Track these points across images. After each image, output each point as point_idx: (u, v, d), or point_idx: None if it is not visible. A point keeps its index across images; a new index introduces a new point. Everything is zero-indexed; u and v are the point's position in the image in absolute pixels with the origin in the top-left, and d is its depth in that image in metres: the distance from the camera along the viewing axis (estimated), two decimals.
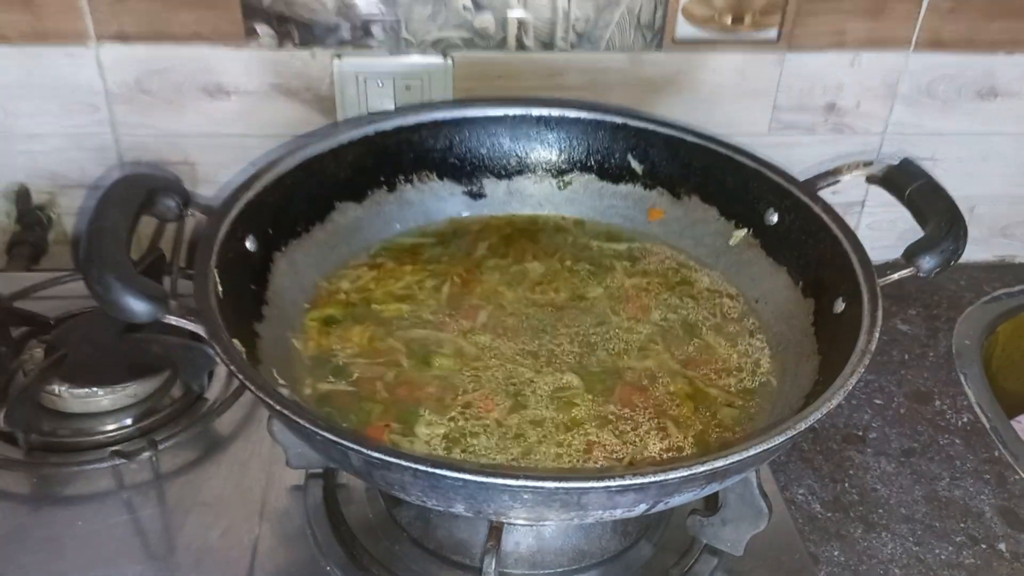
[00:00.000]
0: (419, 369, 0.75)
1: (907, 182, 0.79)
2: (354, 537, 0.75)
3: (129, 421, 0.85)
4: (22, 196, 1.02)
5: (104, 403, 0.85)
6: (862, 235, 0.80)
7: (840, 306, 0.73)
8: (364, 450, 0.56)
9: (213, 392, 0.89)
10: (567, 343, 0.79)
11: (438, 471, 0.55)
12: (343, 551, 0.74)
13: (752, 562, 0.75)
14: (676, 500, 0.61)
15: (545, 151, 0.93)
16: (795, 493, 0.84)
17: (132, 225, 0.67)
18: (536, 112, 0.92)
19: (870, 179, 0.82)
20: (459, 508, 0.59)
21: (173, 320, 0.63)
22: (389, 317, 0.80)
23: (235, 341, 0.64)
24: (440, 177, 0.92)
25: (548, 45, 0.97)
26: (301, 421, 0.58)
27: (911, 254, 0.73)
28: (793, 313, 0.80)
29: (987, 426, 0.93)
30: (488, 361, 0.76)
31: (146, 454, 0.80)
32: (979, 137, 1.09)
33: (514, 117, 0.92)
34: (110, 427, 0.84)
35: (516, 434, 0.70)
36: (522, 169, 0.94)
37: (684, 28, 0.97)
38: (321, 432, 0.57)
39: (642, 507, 0.59)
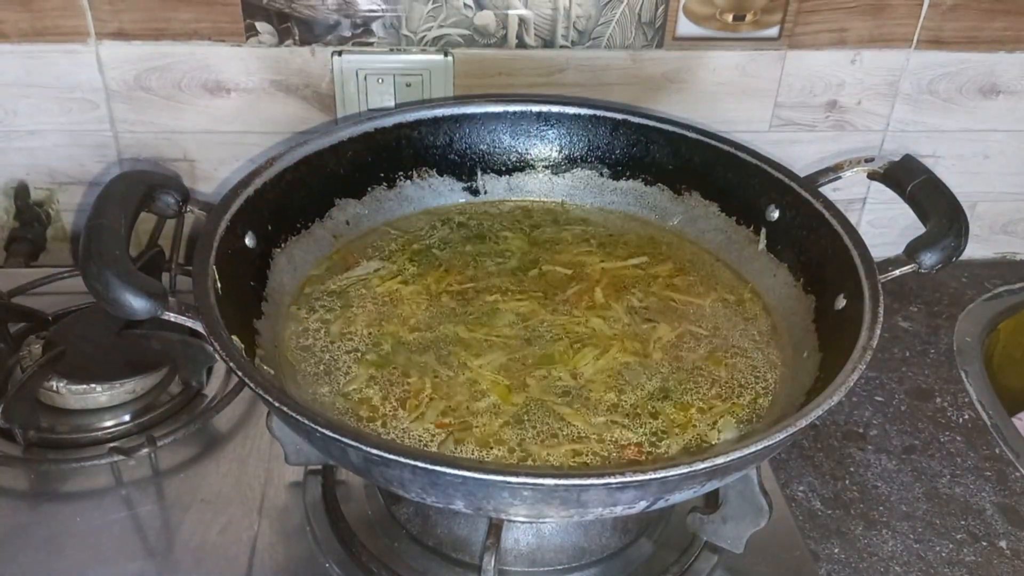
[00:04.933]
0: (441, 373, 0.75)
1: (908, 178, 0.79)
2: (353, 534, 0.75)
3: (128, 417, 0.85)
4: (21, 192, 1.02)
5: (102, 399, 0.85)
6: (863, 231, 0.80)
7: (841, 303, 0.73)
8: (363, 447, 0.56)
9: (212, 388, 0.89)
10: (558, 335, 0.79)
11: (437, 468, 0.55)
12: (342, 548, 0.74)
13: (752, 559, 0.74)
14: (676, 497, 0.61)
15: (545, 147, 0.93)
16: (795, 490, 0.84)
17: (131, 222, 0.67)
18: (536, 109, 0.92)
19: (871, 175, 0.82)
20: (458, 505, 0.58)
21: (172, 316, 0.63)
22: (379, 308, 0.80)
23: (234, 338, 0.64)
24: (440, 173, 0.92)
25: (549, 43, 0.97)
26: (300, 417, 0.57)
27: (912, 250, 0.73)
28: (794, 309, 0.79)
29: (988, 423, 0.93)
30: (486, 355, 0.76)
31: (145, 451, 0.80)
32: (980, 134, 1.08)
33: (514, 114, 0.92)
34: (108, 423, 0.84)
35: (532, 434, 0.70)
36: (522, 165, 0.93)
37: (685, 26, 0.97)
38: (320, 428, 0.57)
39: (642, 504, 0.59)
